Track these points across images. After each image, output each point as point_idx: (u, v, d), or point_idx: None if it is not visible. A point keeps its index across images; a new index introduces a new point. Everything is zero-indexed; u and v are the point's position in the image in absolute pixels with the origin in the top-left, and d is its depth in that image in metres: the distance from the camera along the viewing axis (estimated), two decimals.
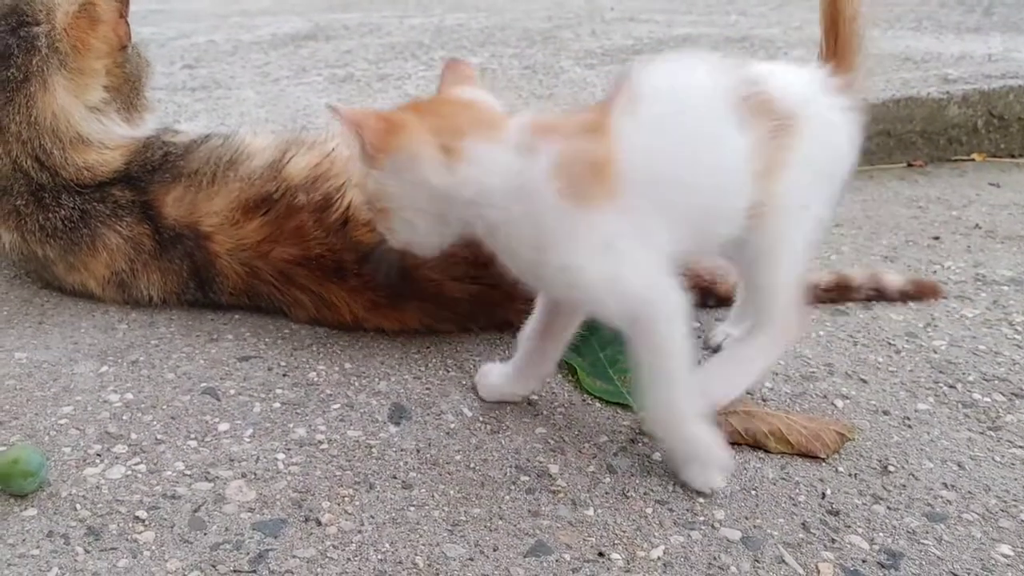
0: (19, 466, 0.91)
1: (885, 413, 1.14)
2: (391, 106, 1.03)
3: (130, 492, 0.94)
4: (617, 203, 0.91)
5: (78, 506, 0.92)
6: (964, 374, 1.23)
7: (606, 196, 0.91)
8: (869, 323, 1.35)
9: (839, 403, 1.16)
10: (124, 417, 1.07)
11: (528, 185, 0.91)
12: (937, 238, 1.68)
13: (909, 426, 1.11)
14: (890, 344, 1.30)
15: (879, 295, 1.43)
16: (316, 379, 1.15)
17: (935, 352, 1.28)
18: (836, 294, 1.41)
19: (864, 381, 1.21)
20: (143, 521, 0.90)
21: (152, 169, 1.28)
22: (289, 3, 3.08)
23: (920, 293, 1.44)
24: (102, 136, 1.29)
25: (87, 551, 0.87)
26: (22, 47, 1.26)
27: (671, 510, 0.95)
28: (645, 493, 0.97)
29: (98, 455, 1.00)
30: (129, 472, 0.97)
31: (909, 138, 2.10)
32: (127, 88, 1.33)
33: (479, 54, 2.41)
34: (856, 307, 1.40)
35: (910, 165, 2.09)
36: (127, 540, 0.88)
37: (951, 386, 1.20)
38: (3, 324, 1.27)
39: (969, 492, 0.99)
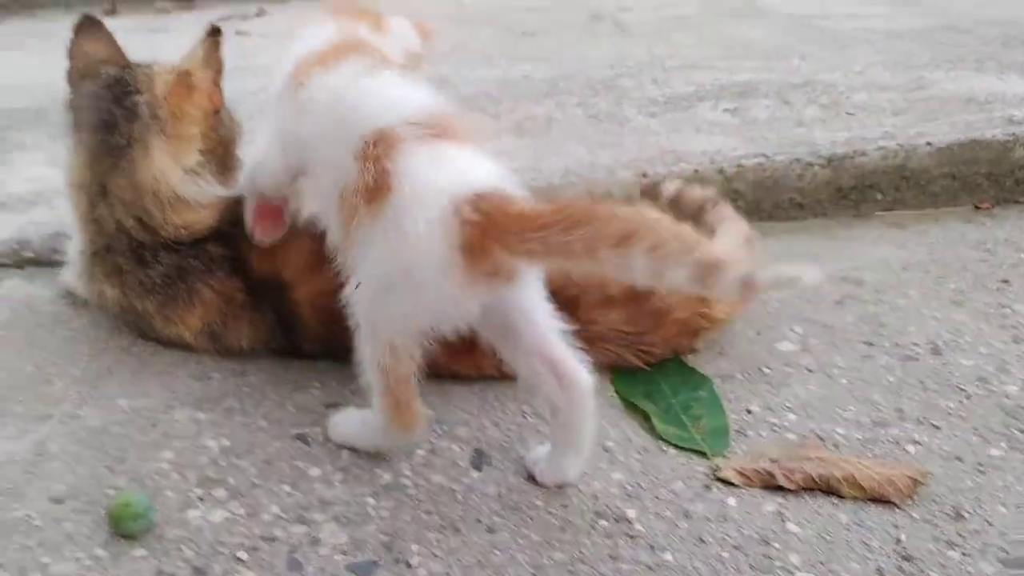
0: (129, 509, 0.98)
1: (958, 459, 1.15)
2: None
3: (231, 534, 1.00)
4: None
5: (183, 547, 0.98)
6: None
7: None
8: (939, 368, 1.36)
9: (911, 449, 1.17)
10: (221, 462, 1.13)
11: None
12: (1006, 281, 1.67)
13: (982, 472, 1.12)
14: (961, 389, 1.31)
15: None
16: None
17: (1007, 397, 1.28)
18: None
19: (936, 427, 1.22)
20: (244, 562, 0.96)
21: (242, 224, 1.35)
22: None
23: None
24: (198, 196, 1.36)
25: None
26: (126, 115, 1.34)
27: (746, 555, 0.98)
28: (721, 538, 1.00)
29: (200, 498, 1.06)
30: (229, 515, 1.03)
31: (974, 180, 2.09)
32: (220, 150, 1.41)
33: (544, 104, 2.46)
34: (925, 352, 1.41)
35: (976, 207, 2.09)
36: None
37: None
38: (105, 372, 1.35)
39: None
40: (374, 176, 0.96)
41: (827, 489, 1.08)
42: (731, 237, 1.39)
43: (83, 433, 1.20)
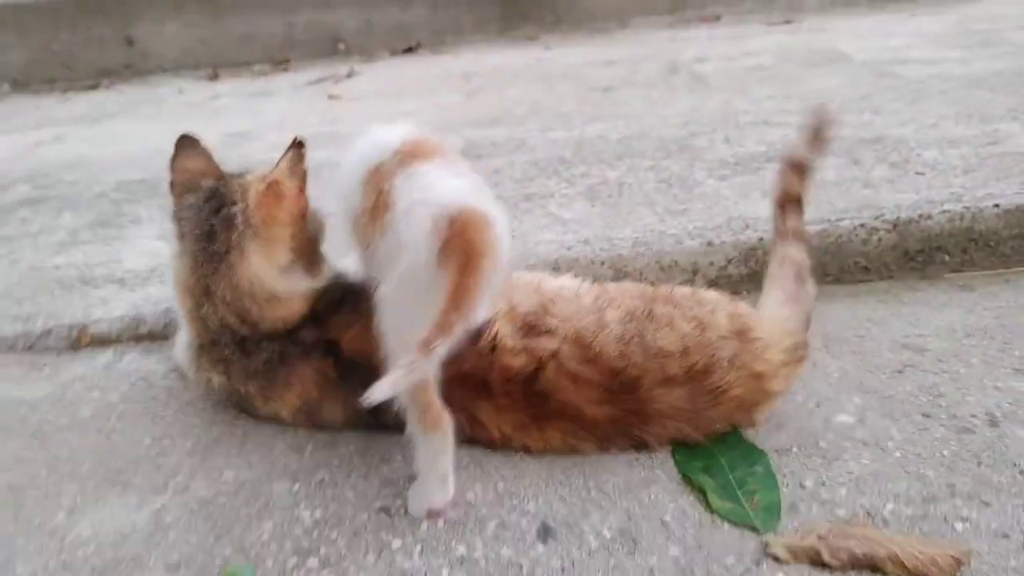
0: None
1: (1005, 536, 1.18)
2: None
3: None
4: None
5: None
6: None
7: None
8: (995, 442, 1.39)
9: (959, 526, 1.21)
10: (314, 533, 1.26)
11: None
12: None
13: None
14: (1015, 465, 1.33)
15: None
16: (473, 499, 1.32)
17: None
18: None
19: (986, 504, 1.26)
20: None
21: (333, 308, 1.49)
22: (444, 120, 3.33)
23: None
24: (290, 291, 1.49)
25: None
26: (223, 225, 1.47)
27: None
28: None
29: (295, 567, 1.19)
30: None
31: None
32: (308, 247, 1.54)
33: (617, 167, 2.56)
34: (982, 424, 1.44)
35: None
36: None
37: None
38: (213, 444, 1.50)
39: None
40: (374, 199, 1.18)
41: (872, 567, 1.14)
42: None
43: (194, 504, 1.35)
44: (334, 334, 1.47)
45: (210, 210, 1.49)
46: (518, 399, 1.38)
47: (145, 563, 1.23)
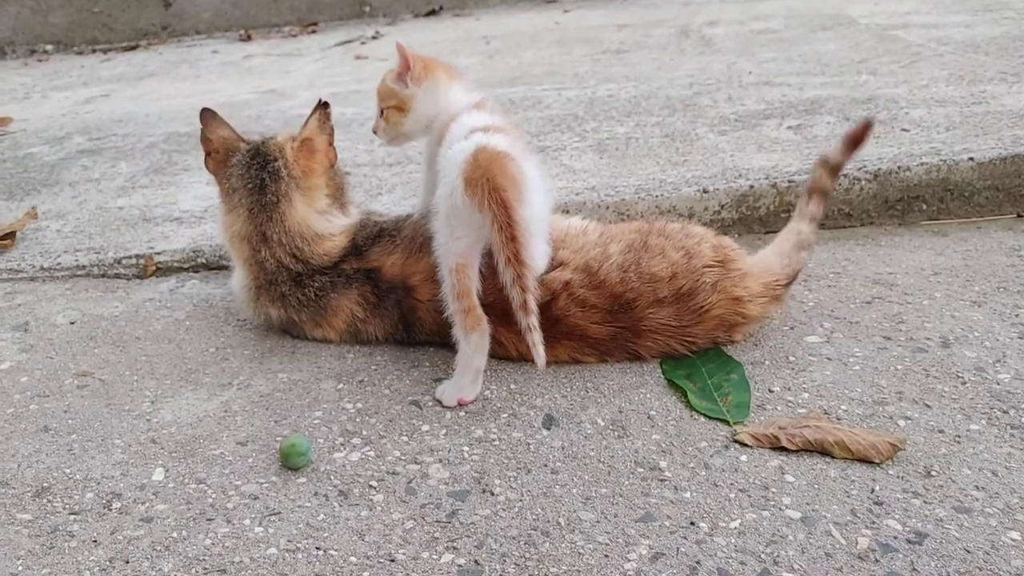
0: (295, 449, 1.36)
1: (940, 431, 1.38)
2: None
3: (365, 469, 1.37)
4: None
5: (332, 477, 1.36)
6: (1019, 402, 1.43)
7: None
8: (944, 359, 1.58)
9: (901, 423, 1.42)
10: (357, 420, 1.50)
11: None
12: None
13: (958, 442, 1.35)
14: (958, 376, 1.52)
15: None
16: (490, 396, 1.55)
17: (997, 384, 1.49)
18: None
19: (928, 406, 1.45)
20: (375, 488, 1.32)
21: (372, 240, 1.72)
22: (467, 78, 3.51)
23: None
24: (331, 230, 1.75)
25: (340, 505, 1.29)
26: (271, 178, 1.73)
27: (749, 496, 1.27)
28: (731, 484, 1.30)
29: (342, 444, 1.44)
30: (363, 456, 1.40)
31: (1019, 191, 2.24)
32: (338, 193, 1.80)
33: (625, 124, 2.76)
34: (935, 345, 1.64)
35: (1019, 216, 2.25)
36: (365, 499, 1.30)
37: (1004, 411, 1.41)
38: (268, 353, 1.75)
39: (996, 493, 1.23)
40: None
41: (821, 451, 1.36)
42: None
43: (256, 397, 1.60)
44: (374, 263, 1.71)
45: (258, 166, 1.73)
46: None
47: (219, 439, 1.47)
